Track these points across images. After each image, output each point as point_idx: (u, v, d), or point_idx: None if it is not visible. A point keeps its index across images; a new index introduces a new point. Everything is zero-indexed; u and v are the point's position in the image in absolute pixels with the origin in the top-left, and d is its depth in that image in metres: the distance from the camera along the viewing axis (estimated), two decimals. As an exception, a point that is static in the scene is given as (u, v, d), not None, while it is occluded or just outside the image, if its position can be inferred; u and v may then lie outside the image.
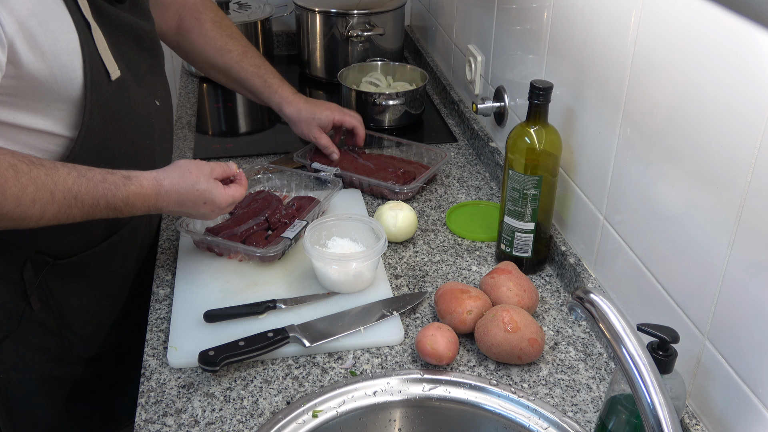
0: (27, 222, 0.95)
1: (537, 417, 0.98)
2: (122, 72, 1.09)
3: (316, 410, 0.98)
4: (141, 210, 1.05)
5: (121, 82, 1.09)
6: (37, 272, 1.12)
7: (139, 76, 1.16)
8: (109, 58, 1.06)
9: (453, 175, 1.58)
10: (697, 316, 0.88)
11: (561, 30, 1.21)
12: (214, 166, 1.12)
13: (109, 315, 1.28)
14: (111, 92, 1.07)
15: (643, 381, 0.68)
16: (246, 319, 1.12)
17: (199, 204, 1.09)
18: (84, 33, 1.01)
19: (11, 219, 0.94)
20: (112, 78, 1.07)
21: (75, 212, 0.98)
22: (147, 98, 1.18)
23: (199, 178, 1.08)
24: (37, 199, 0.93)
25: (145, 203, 1.05)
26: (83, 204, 0.98)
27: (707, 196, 0.85)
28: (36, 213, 0.94)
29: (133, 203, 1.03)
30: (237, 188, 1.14)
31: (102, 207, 1.00)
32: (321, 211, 1.35)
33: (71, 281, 1.17)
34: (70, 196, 0.96)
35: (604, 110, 1.08)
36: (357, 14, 1.95)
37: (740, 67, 0.77)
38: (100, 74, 1.04)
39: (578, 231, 1.21)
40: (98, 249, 1.18)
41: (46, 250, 1.12)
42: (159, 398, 1.00)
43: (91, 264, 1.18)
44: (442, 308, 1.11)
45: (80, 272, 1.17)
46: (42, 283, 1.13)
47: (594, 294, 0.74)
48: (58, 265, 1.13)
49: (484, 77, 1.63)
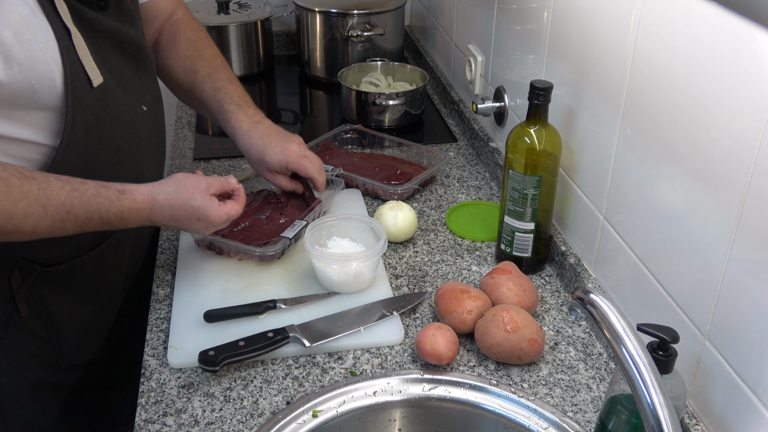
0: (19, 236, 0.94)
1: (537, 417, 0.98)
2: (105, 78, 1.07)
3: (316, 410, 0.98)
4: (135, 224, 1.04)
5: (103, 88, 1.07)
6: (24, 279, 1.10)
7: (123, 81, 1.13)
8: (90, 64, 1.04)
9: (453, 175, 1.58)
10: (697, 316, 0.88)
11: (561, 30, 1.21)
12: (212, 182, 1.09)
13: (100, 322, 1.26)
14: (93, 99, 1.05)
15: (643, 381, 0.68)
16: (246, 319, 1.12)
17: (193, 221, 1.08)
18: (64, 39, 0.99)
19: (3, 233, 0.93)
20: (94, 84, 1.04)
21: (68, 227, 0.97)
22: (132, 103, 1.15)
23: (194, 194, 1.06)
24: (29, 214, 0.92)
25: (139, 217, 1.04)
26: (77, 219, 0.97)
27: (707, 196, 0.85)
28: (28, 227, 0.93)
29: (127, 218, 1.02)
30: (233, 205, 1.11)
31: (95, 221, 0.99)
32: (322, 210, 1.35)
33: (60, 288, 1.15)
34: (63, 211, 0.95)
35: (604, 110, 1.08)
36: (357, 14, 1.95)
37: (740, 67, 0.77)
38: (81, 81, 1.02)
39: (578, 231, 1.21)
40: (87, 258, 1.16)
41: (33, 257, 1.10)
42: (159, 398, 1.00)
43: (80, 272, 1.16)
44: (442, 308, 1.11)
45: (69, 280, 1.16)
46: (30, 290, 1.12)
47: (594, 294, 0.74)
48: (46, 272, 1.12)
49: (484, 77, 1.63)
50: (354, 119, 1.77)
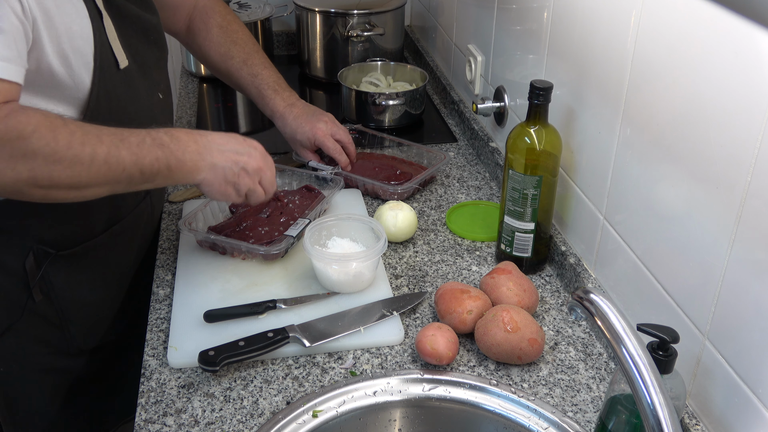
0: (79, 168, 0.94)
1: (537, 417, 0.98)
2: (129, 62, 1.12)
3: (316, 410, 0.98)
4: (189, 144, 1.04)
5: (128, 71, 1.11)
6: (39, 264, 1.12)
7: (145, 68, 1.18)
8: (118, 47, 1.09)
9: (453, 175, 1.58)
10: (697, 316, 0.88)
11: (561, 30, 1.21)
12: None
13: (110, 307, 1.28)
14: (118, 80, 1.09)
15: (643, 381, 0.68)
16: (246, 319, 1.12)
17: (239, 155, 1.09)
18: (96, 20, 1.04)
19: (65, 164, 0.93)
20: (121, 66, 1.09)
21: (124, 153, 0.97)
22: (151, 90, 1.20)
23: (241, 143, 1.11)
24: (86, 142, 0.94)
25: (190, 135, 1.05)
26: (130, 143, 0.98)
27: (707, 196, 0.85)
28: (87, 155, 0.94)
29: (178, 136, 1.04)
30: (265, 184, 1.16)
31: (149, 144, 1.00)
32: (322, 210, 1.35)
33: (72, 273, 1.17)
34: (116, 138, 0.97)
35: (604, 110, 1.08)
36: (357, 14, 1.95)
37: (740, 67, 0.77)
38: (110, 62, 1.07)
39: (578, 231, 1.21)
40: (99, 240, 1.18)
41: (48, 240, 1.12)
42: (159, 398, 1.00)
43: (92, 255, 1.19)
44: (442, 308, 1.11)
45: (81, 264, 1.18)
46: (44, 276, 1.14)
47: (594, 294, 0.74)
48: (60, 256, 1.14)
49: (484, 77, 1.63)
50: (354, 119, 1.77)
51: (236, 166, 1.09)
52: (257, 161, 1.12)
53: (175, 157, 1.02)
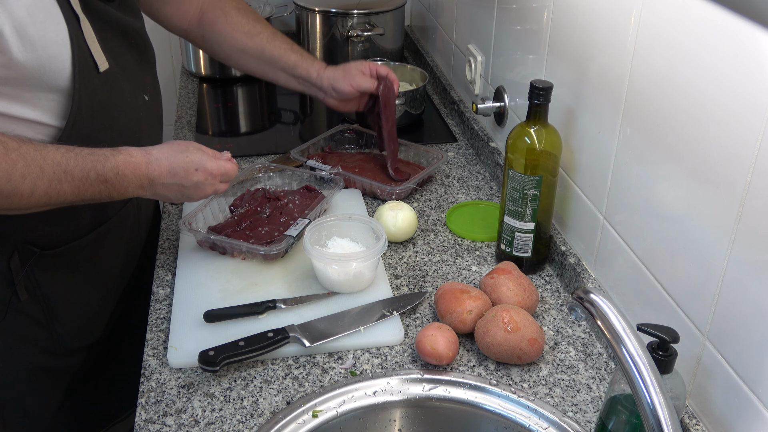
0: (18, 199, 0.96)
1: (537, 417, 0.98)
2: (110, 65, 1.11)
3: (316, 410, 0.98)
4: (132, 181, 1.05)
5: (109, 74, 1.10)
6: (23, 262, 1.12)
7: (127, 70, 1.17)
8: (97, 50, 1.08)
9: (453, 175, 1.58)
10: (697, 316, 0.88)
11: (561, 30, 1.21)
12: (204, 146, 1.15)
13: (98, 308, 1.27)
14: (99, 83, 1.08)
15: (643, 381, 0.68)
16: (246, 319, 1.12)
17: (191, 171, 1.10)
18: (73, 24, 1.03)
19: (2, 196, 0.94)
20: (100, 69, 1.08)
21: (66, 187, 0.99)
22: (135, 91, 1.19)
23: (188, 147, 1.11)
24: (27, 174, 0.94)
25: (136, 172, 1.05)
26: (73, 177, 0.99)
27: (707, 196, 0.85)
28: (27, 189, 0.95)
29: (124, 173, 1.04)
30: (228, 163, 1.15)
31: (92, 180, 1.01)
32: (322, 210, 1.35)
33: (58, 272, 1.17)
34: (59, 170, 0.97)
35: (604, 110, 1.08)
36: (357, 14, 1.95)
37: (740, 67, 0.77)
38: (89, 65, 1.06)
39: (578, 231, 1.21)
40: (85, 240, 1.18)
41: (32, 240, 1.12)
42: (159, 398, 1.00)
43: (78, 255, 1.18)
44: (442, 308, 1.11)
45: (67, 263, 1.17)
46: (29, 274, 1.13)
47: (594, 294, 0.74)
48: (45, 255, 1.14)
49: (484, 77, 1.63)
50: (354, 119, 1.77)
51: (182, 196, 1.12)
52: (203, 191, 1.14)
53: (117, 191, 1.05)
